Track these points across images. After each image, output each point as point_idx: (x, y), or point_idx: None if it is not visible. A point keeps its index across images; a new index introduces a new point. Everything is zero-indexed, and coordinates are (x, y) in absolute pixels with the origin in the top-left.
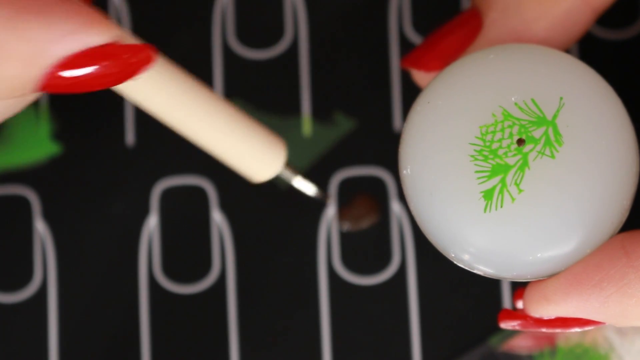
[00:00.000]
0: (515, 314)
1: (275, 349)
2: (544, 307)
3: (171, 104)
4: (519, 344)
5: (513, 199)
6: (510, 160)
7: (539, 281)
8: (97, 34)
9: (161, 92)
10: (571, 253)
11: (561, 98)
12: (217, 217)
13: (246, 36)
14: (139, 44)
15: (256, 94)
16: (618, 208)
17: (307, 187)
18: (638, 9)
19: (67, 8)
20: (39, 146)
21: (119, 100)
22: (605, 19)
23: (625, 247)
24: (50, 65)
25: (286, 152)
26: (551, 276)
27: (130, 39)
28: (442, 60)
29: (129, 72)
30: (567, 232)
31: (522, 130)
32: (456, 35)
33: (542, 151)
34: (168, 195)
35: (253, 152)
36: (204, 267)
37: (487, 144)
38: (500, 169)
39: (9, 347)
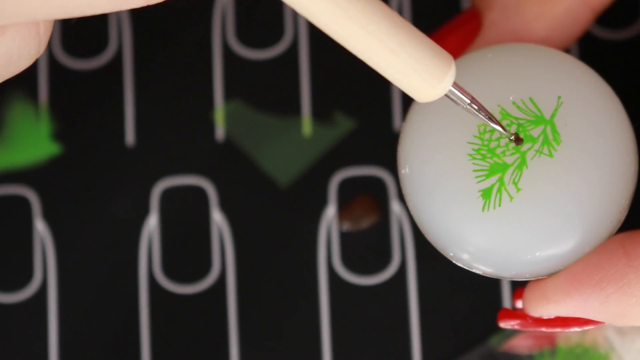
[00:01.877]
0: (514, 313)
1: (275, 349)
2: (543, 306)
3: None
4: (519, 344)
5: (511, 198)
6: (509, 159)
7: (539, 280)
8: None
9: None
10: (570, 252)
11: (559, 97)
12: (217, 217)
13: (246, 36)
14: None
15: (256, 94)
16: (617, 207)
17: (479, 114)
18: (638, 9)
19: None
20: (39, 146)
21: (119, 100)
22: (605, 19)
23: (625, 247)
24: None
25: (453, 72)
26: (550, 275)
27: None
28: None
29: None
30: (566, 230)
31: (521, 129)
32: (456, 36)
33: (540, 150)
34: (168, 195)
35: (416, 72)
36: (204, 267)
37: (485, 143)
38: (498, 168)
39: (9, 347)
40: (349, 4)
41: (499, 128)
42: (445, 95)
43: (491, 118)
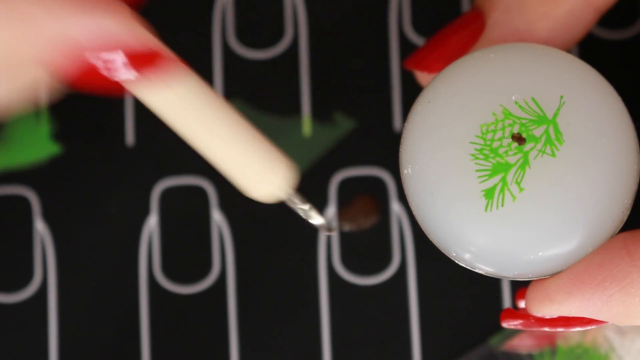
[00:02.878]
0: (517, 313)
1: (275, 349)
2: (546, 306)
3: (191, 119)
4: (519, 344)
5: (514, 198)
6: (511, 159)
7: (541, 280)
8: (116, 21)
9: (184, 106)
10: (572, 252)
11: (562, 97)
12: (217, 217)
13: (246, 36)
14: (157, 49)
15: (256, 94)
16: (619, 206)
17: (314, 218)
18: (638, 9)
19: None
20: (39, 146)
21: (119, 100)
22: (605, 19)
23: (628, 247)
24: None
25: (292, 176)
26: (553, 275)
27: (156, 44)
28: (445, 62)
29: (141, 69)
30: (569, 230)
31: (523, 129)
32: (459, 36)
33: (543, 150)
34: (168, 195)
35: (258, 171)
36: (204, 267)
37: (488, 142)
38: (501, 168)
39: (9, 347)
40: (203, 112)
41: (319, 223)
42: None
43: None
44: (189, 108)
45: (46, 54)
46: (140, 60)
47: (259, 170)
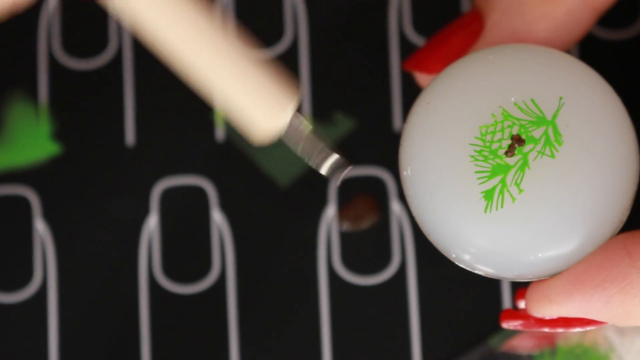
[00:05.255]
0: (517, 313)
1: (275, 349)
2: (546, 307)
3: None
4: (519, 344)
5: (513, 199)
6: (511, 161)
7: (541, 281)
8: None
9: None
10: (572, 253)
11: (561, 98)
12: (217, 217)
13: (245, 36)
14: None
15: None
16: (619, 207)
17: (324, 155)
18: (638, 9)
19: None
20: (39, 146)
21: (119, 100)
22: (605, 19)
23: (628, 248)
24: None
25: (295, 101)
26: (552, 276)
27: None
28: (444, 63)
29: None
30: (568, 231)
31: (522, 130)
32: (458, 37)
33: (542, 151)
34: (168, 195)
35: (258, 98)
36: (204, 267)
37: (487, 144)
38: (500, 169)
39: (9, 347)
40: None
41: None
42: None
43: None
44: (178, 23)
45: None
46: None
47: (258, 97)
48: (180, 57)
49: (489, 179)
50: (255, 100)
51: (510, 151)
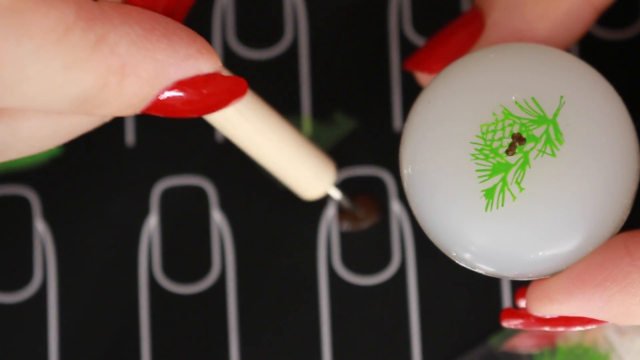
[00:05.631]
0: (517, 313)
1: (275, 349)
2: (547, 306)
3: (251, 134)
4: (519, 344)
5: (514, 198)
6: (511, 159)
7: (542, 280)
8: (209, 61)
9: (245, 122)
10: (573, 251)
11: (562, 97)
12: (217, 217)
13: (246, 36)
14: (236, 77)
15: (256, 94)
16: (619, 206)
17: (354, 209)
18: (638, 9)
19: (187, 33)
20: None
21: None
22: (605, 19)
23: (628, 247)
24: (167, 86)
25: (335, 174)
26: (553, 275)
27: (226, 71)
28: (445, 62)
29: (224, 102)
30: (569, 230)
31: (523, 128)
32: (459, 37)
33: (543, 150)
34: (168, 195)
35: (309, 174)
36: (204, 267)
37: (488, 142)
38: (501, 168)
39: (9, 347)
40: (259, 122)
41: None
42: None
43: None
44: (249, 122)
45: (143, 91)
46: (231, 93)
47: (309, 172)
48: (248, 147)
49: (489, 177)
50: (303, 172)
51: (511, 150)
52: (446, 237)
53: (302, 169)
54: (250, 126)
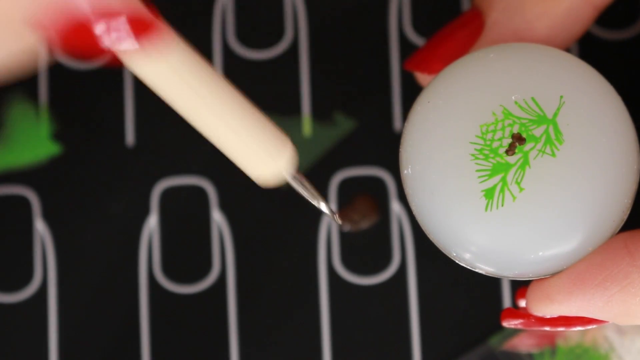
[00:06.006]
0: (517, 312)
1: (275, 349)
2: (547, 306)
3: (189, 97)
4: (519, 344)
5: (514, 198)
6: (511, 159)
7: (542, 280)
8: None
9: (180, 82)
10: (573, 251)
11: (561, 97)
12: (217, 217)
13: (246, 36)
14: (148, 13)
15: (256, 94)
16: (619, 206)
17: (319, 202)
18: (638, 9)
19: None
20: (39, 146)
21: (119, 100)
22: (605, 19)
23: (629, 247)
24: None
25: (292, 153)
26: (553, 275)
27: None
28: (445, 63)
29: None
30: (569, 230)
31: (523, 128)
32: (458, 37)
33: (543, 150)
34: (168, 195)
35: (258, 150)
36: (204, 267)
37: (488, 142)
38: (501, 168)
39: (9, 347)
40: (200, 86)
41: (325, 209)
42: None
43: (319, 200)
44: (182, 80)
45: (38, 13)
46: (137, 29)
47: (259, 148)
48: (182, 107)
49: (489, 177)
50: (254, 148)
51: (510, 150)
52: (446, 237)
53: (251, 144)
54: (186, 87)
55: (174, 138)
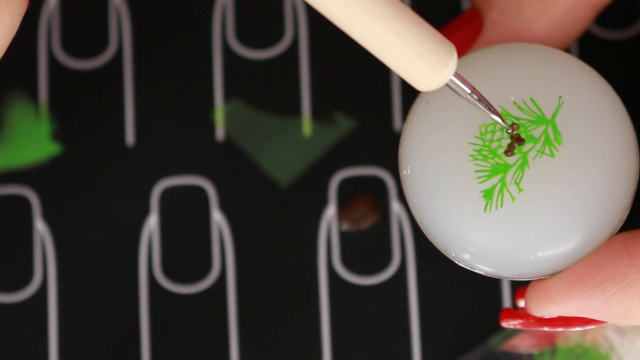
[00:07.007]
0: (517, 313)
1: (275, 349)
2: (546, 306)
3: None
4: (519, 344)
5: (513, 198)
6: (510, 160)
7: (541, 280)
8: None
9: None
10: (572, 252)
11: (560, 97)
12: (217, 217)
13: (246, 36)
14: None
15: (256, 94)
16: (618, 206)
17: (482, 106)
18: (638, 9)
19: None
20: (39, 146)
21: (119, 100)
22: (605, 19)
23: (627, 247)
24: None
25: (455, 59)
26: (552, 275)
27: None
28: None
29: None
30: (568, 230)
31: (522, 129)
32: (457, 36)
33: (542, 150)
34: (168, 195)
35: (426, 55)
36: (204, 267)
37: (487, 143)
38: (500, 169)
39: (9, 347)
40: None
41: (499, 119)
42: (447, 85)
43: (491, 108)
44: None
45: None
46: None
47: (427, 52)
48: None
49: (488, 178)
50: (422, 53)
51: (509, 150)
52: (445, 237)
53: (418, 49)
54: None
55: (174, 138)
